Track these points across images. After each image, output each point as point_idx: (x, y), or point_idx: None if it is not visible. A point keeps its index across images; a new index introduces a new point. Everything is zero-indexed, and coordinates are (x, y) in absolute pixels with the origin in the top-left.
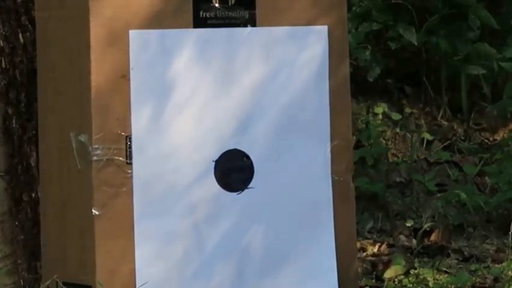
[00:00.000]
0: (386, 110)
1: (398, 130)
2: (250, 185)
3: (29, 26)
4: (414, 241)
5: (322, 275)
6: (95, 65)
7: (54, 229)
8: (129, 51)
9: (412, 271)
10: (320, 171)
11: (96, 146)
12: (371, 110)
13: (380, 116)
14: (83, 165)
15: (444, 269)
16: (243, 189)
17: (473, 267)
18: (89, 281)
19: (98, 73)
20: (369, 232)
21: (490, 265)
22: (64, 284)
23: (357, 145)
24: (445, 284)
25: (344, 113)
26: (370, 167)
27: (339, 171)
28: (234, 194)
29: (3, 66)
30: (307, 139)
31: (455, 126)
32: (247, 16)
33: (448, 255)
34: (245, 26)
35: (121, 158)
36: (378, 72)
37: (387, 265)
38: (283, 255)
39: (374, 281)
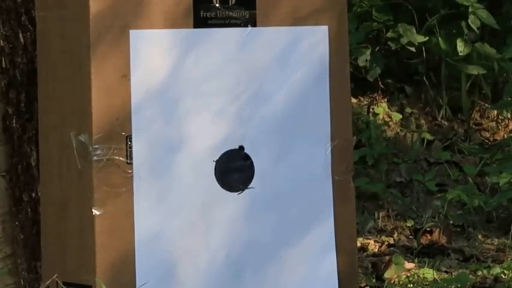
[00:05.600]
0: (386, 110)
1: (398, 130)
2: (250, 185)
3: (29, 26)
4: (414, 241)
5: (322, 275)
6: (95, 65)
7: (54, 229)
8: (129, 51)
9: (412, 271)
10: (320, 171)
11: (96, 146)
12: (371, 110)
13: (381, 116)
14: (83, 165)
15: (444, 269)
16: (243, 190)
17: (473, 267)
18: (89, 281)
19: (98, 73)
20: (369, 232)
21: (490, 265)
22: (64, 284)
23: (357, 145)
24: (445, 284)
25: (344, 113)
26: (370, 167)
27: (339, 171)
28: (234, 194)
29: (3, 66)
30: (307, 139)
31: (455, 126)
32: (247, 16)
33: (448, 255)
34: (245, 26)
35: (121, 158)
36: (378, 72)
37: (387, 265)
38: (283, 255)
39: (374, 281)
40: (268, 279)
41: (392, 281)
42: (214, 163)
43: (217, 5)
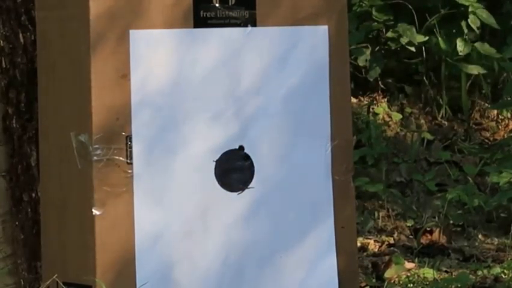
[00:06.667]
0: (386, 109)
1: (398, 130)
2: (250, 185)
3: (29, 26)
4: (414, 241)
5: (322, 275)
6: (95, 65)
7: (54, 229)
8: (129, 51)
9: (412, 271)
10: (320, 171)
11: (96, 146)
12: (371, 110)
13: (381, 116)
14: (84, 165)
15: (444, 269)
16: (243, 190)
17: (473, 267)
18: (89, 281)
19: (98, 73)
20: (369, 232)
21: (491, 265)
22: (64, 284)
23: (357, 145)
24: (445, 284)
25: (344, 113)
26: (370, 167)
27: (340, 171)
28: (234, 194)
29: (3, 66)
30: (307, 139)
31: (455, 126)
32: (247, 16)
33: (448, 255)
34: (245, 25)
35: (121, 158)
36: (378, 72)
37: (387, 265)
38: (283, 254)
39: (374, 281)
40: (268, 280)
41: (392, 281)
42: (214, 163)
43: (217, 5)
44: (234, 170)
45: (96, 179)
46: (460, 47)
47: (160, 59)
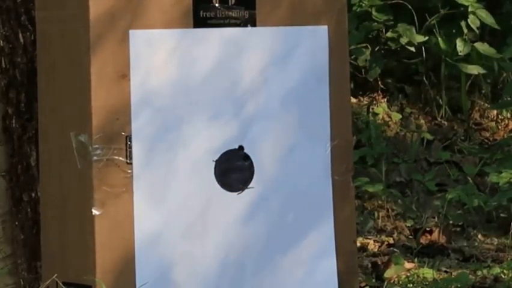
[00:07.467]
0: (386, 110)
1: (398, 130)
2: (250, 185)
3: (29, 26)
4: (414, 241)
5: (322, 275)
6: (95, 65)
7: (55, 229)
8: (129, 51)
9: (412, 271)
10: (320, 171)
11: (96, 146)
12: (371, 110)
13: (380, 116)
14: (83, 165)
15: (444, 269)
16: (243, 189)
17: (473, 267)
18: (89, 281)
19: (98, 73)
20: (369, 232)
21: (490, 265)
22: (64, 284)
23: (357, 145)
24: (445, 284)
25: (344, 113)
26: (370, 166)
27: (339, 171)
28: (234, 194)
29: (3, 66)
30: (307, 139)
31: (455, 126)
32: (247, 16)
33: (448, 255)
34: (245, 25)
35: (121, 158)
36: (378, 72)
37: (387, 265)
38: (283, 254)
39: (374, 281)
40: (268, 279)
41: (392, 281)
42: (214, 163)
43: (217, 4)
44: (233, 170)
45: (96, 179)
46: (460, 47)
47: (160, 59)
